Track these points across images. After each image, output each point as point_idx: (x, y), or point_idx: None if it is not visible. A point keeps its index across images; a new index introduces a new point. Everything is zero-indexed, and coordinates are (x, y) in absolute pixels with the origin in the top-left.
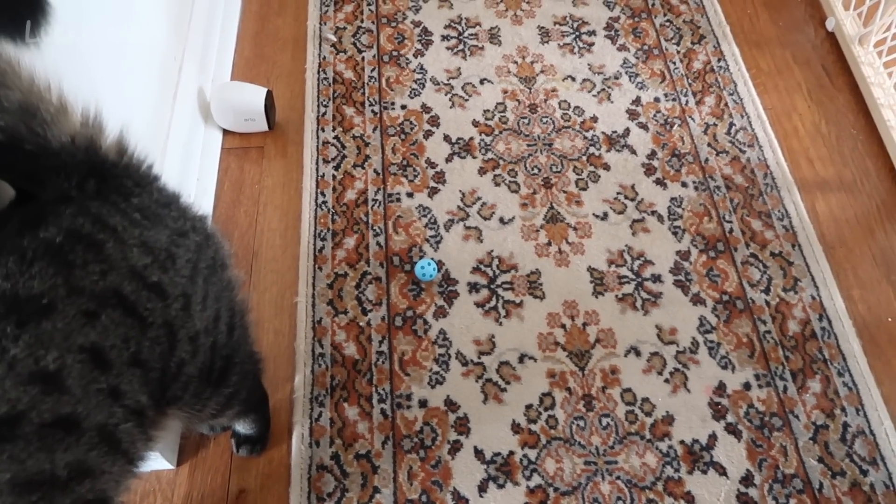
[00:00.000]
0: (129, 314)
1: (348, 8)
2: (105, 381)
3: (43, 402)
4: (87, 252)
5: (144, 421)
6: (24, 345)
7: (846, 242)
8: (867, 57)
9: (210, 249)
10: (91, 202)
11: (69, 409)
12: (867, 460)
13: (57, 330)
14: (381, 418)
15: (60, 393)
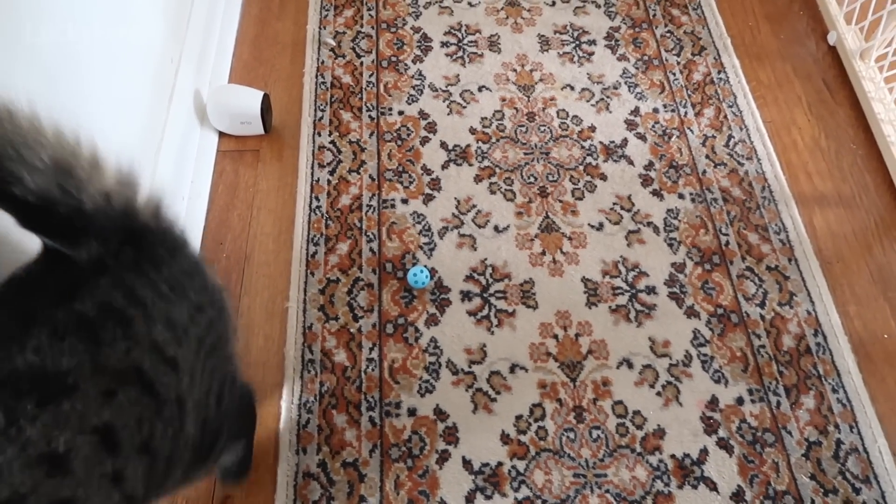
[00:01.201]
0: (146, 392)
1: (348, 12)
2: (110, 465)
3: (44, 485)
4: (117, 328)
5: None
6: (41, 425)
7: (843, 258)
8: (868, 72)
9: (220, 325)
10: (126, 273)
11: (69, 492)
12: (860, 478)
13: (75, 411)
14: (370, 426)
15: (63, 476)
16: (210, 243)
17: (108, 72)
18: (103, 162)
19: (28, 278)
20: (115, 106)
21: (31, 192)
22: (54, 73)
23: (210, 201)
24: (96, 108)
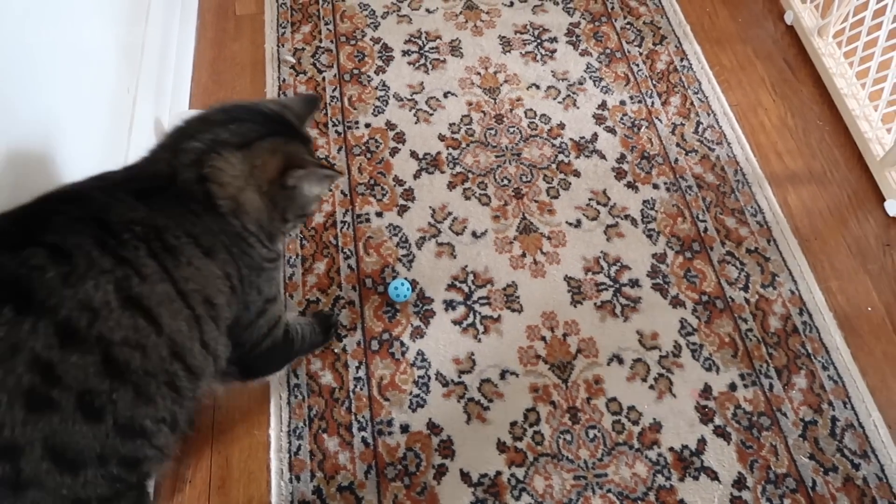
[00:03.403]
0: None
1: (306, 28)
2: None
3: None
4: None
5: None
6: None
7: (820, 234)
8: (827, 48)
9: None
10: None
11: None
12: (858, 454)
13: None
14: (363, 447)
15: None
16: None
17: (59, 105)
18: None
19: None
20: (71, 140)
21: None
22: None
23: None
24: (50, 144)
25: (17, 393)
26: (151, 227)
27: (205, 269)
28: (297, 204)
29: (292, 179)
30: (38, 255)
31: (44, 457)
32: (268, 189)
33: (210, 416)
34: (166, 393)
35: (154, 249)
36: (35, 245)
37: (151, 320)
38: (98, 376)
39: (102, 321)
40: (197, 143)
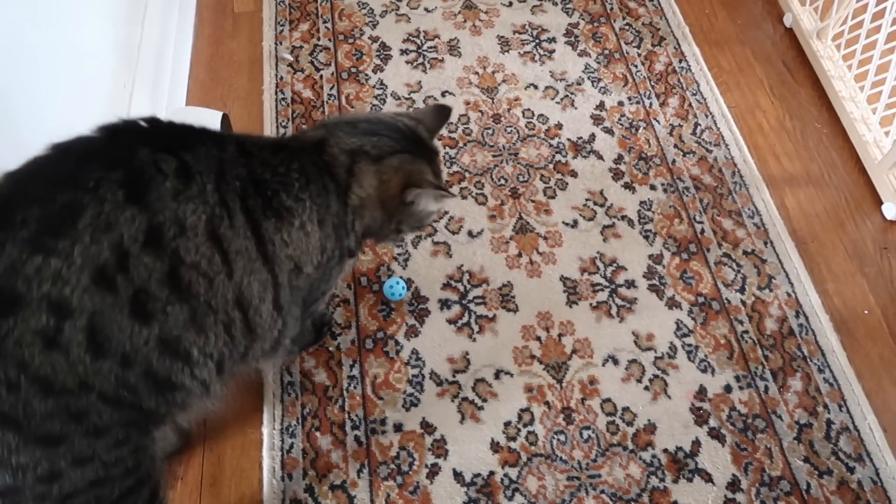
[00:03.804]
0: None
1: (304, 26)
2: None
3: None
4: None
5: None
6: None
7: (817, 237)
8: (826, 51)
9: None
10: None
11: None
12: (853, 457)
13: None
14: (356, 446)
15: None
16: None
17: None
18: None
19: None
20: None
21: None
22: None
23: None
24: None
25: (91, 263)
26: (273, 188)
27: (312, 237)
28: (415, 218)
29: (410, 196)
30: (169, 164)
31: (83, 329)
32: (388, 202)
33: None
34: (220, 333)
35: (261, 209)
36: (172, 155)
37: (226, 262)
38: (159, 284)
39: (184, 240)
40: (355, 141)
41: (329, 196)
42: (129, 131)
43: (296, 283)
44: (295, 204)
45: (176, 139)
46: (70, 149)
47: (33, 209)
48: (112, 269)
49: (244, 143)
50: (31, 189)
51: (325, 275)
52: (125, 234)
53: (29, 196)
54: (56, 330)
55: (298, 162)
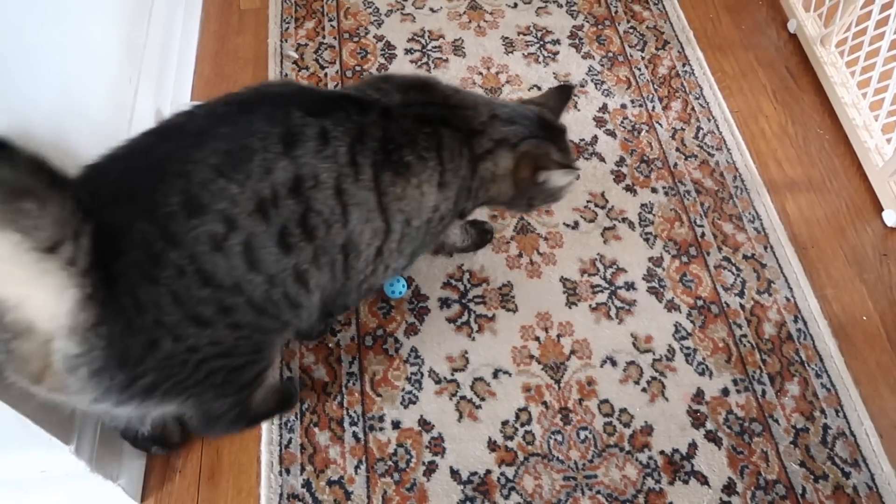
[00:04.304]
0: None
1: (309, 24)
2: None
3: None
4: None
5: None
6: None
7: (817, 242)
8: (830, 57)
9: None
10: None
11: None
12: (849, 462)
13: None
14: (354, 442)
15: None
16: None
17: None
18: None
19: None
20: (70, 129)
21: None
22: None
23: None
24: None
25: (255, 195)
26: (398, 144)
27: (426, 196)
28: (546, 194)
29: (540, 178)
30: (312, 127)
31: (241, 243)
32: (520, 182)
33: None
34: (327, 271)
35: (382, 163)
36: (316, 118)
37: (344, 213)
38: (295, 224)
39: (315, 191)
40: (502, 128)
41: (461, 161)
42: (287, 94)
43: (407, 232)
44: (416, 162)
45: (320, 106)
46: (246, 101)
47: (220, 144)
48: (268, 203)
49: (390, 109)
50: (221, 127)
51: (431, 230)
52: (279, 179)
53: (219, 133)
54: (223, 238)
55: (433, 127)
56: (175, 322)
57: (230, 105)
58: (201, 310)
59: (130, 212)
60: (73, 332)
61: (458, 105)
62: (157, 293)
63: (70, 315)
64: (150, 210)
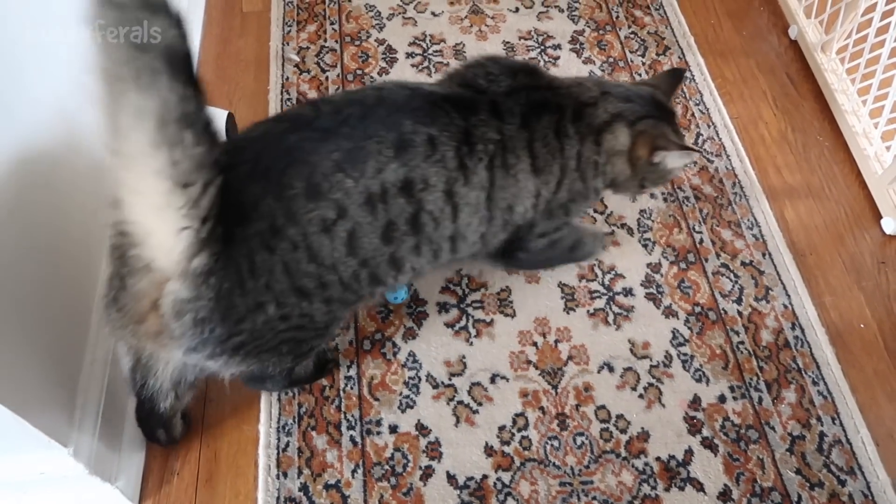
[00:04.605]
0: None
1: (311, 27)
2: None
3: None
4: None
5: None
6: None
7: (816, 249)
8: (830, 64)
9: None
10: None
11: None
12: (845, 470)
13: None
14: (351, 446)
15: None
16: None
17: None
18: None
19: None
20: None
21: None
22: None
23: None
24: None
25: (366, 190)
26: (503, 144)
27: (522, 184)
28: (658, 175)
29: (657, 158)
30: (420, 135)
31: (346, 231)
32: (636, 161)
33: (200, 410)
34: (429, 255)
35: (493, 163)
36: (424, 126)
37: (454, 211)
38: (403, 220)
39: (426, 193)
40: (618, 104)
41: (570, 141)
42: (400, 101)
43: (507, 216)
44: (515, 161)
45: (426, 114)
46: (367, 104)
47: (342, 142)
48: (377, 199)
49: (497, 103)
50: (344, 127)
51: (559, 212)
52: (390, 179)
53: (342, 133)
54: (332, 223)
55: (539, 120)
56: (282, 290)
57: (353, 106)
58: (305, 282)
59: (263, 188)
60: (186, 276)
61: (561, 85)
62: (272, 261)
63: (184, 257)
64: (278, 189)
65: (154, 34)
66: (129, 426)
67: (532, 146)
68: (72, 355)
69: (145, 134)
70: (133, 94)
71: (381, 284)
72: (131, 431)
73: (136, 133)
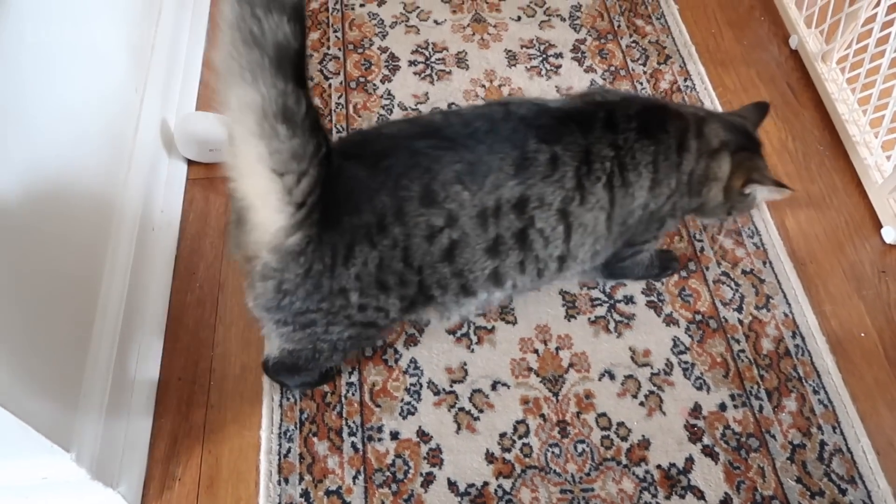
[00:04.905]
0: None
1: (314, 35)
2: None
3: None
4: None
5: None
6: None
7: (816, 258)
8: (830, 73)
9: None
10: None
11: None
12: (845, 479)
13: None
14: (352, 452)
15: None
16: (183, 273)
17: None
18: None
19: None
20: (77, 139)
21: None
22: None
23: (181, 230)
24: (55, 142)
25: (480, 204)
26: (622, 161)
27: (637, 199)
28: (745, 206)
29: (749, 189)
30: (543, 154)
31: (449, 238)
32: (729, 190)
33: (202, 416)
34: (533, 273)
35: (612, 182)
36: (547, 146)
37: (567, 231)
38: (512, 235)
39: (539, 211)
40: (722, 132)
41: (686, 159)
42: (528, 118)
43: (622, 229)
44: (635, 178)
45: (552, 132)
46: (494, 119)
47: (466, 155)
48: (490, 214)
49: (613, 115)
50: (469, 140)
51: (653, 224)
52: (506, 196)
53: (467, 145)
54: (438, 230)
55: (663, 131)
56: (369, 282)
57: (480, 120)
58: (389, 278)
59: (380, 184)
60: (277, 251)
61: (673, 107)
62: (370, 254)
63: (279, 236)
64: (395, 188)
65: (268, 30)
66: (131, 431)
67: (656, 161)
68: (75, 360)
69: (248, 125)
70: (239, 88)
71: (470, 296)
72: (133, 436)
73: (241, 123)
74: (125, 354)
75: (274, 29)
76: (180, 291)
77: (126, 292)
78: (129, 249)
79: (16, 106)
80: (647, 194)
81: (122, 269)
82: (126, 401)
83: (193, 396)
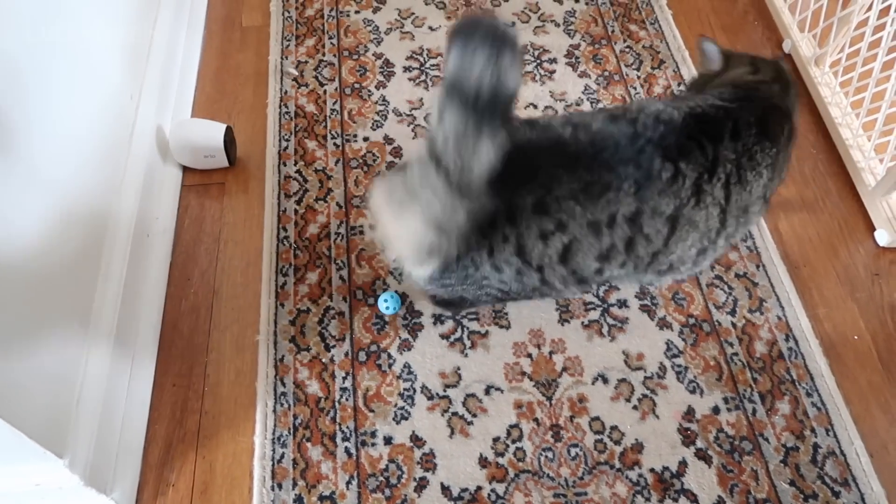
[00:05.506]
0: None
1: (310, 42)
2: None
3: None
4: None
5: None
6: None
7: (810, 261)
8: (824, 77)
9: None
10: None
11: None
12: (839, 481)
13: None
14: (346, 457)
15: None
16: (177, 279)
17: (62, 111)
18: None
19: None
20: (72, 146)
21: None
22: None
23: (176, 237)
24: (50, 149)
25: (593, 218)
26: (740, 163)
27: (754, 192)
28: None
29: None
30: (667, 171)
31: (561, 243)
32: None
33: (196, 421)
34: (632, 274)
35: (730, 181)
36: (673, 163)
37: (672, 231)
38: (621, 242)
39: (650, 220)
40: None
41: (787, 149)
42: (655, 140)
43: (744, 218)
44: (751, 176)
45: (679, 150)
46: (619, 139)
47: (585, 174)
48: (602, 225)
49: (738, 124)
50: (591, 161)
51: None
52: (620, 211)
53: (588, 165)
54: (549, 234)
55: (775, 131)
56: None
57: (608, 140)
58: (504, 265)
59: (496, 191)
60: (430, 280)
61: (779, 102)
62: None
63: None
64: (510, 198)
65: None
66: (124, 437)
67: (777, 161)
68: (68, 366)
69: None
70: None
71: (587, 284)
72: (127, 442)
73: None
74: (119, 360)
75: (470, 159)
76: (175, 297)
77: (120, 298)
78: (124, 256)
79: (11, 112)
80: (762, 189)
81: (116, 276)
82: (120, 406)
83: (187, 402)
